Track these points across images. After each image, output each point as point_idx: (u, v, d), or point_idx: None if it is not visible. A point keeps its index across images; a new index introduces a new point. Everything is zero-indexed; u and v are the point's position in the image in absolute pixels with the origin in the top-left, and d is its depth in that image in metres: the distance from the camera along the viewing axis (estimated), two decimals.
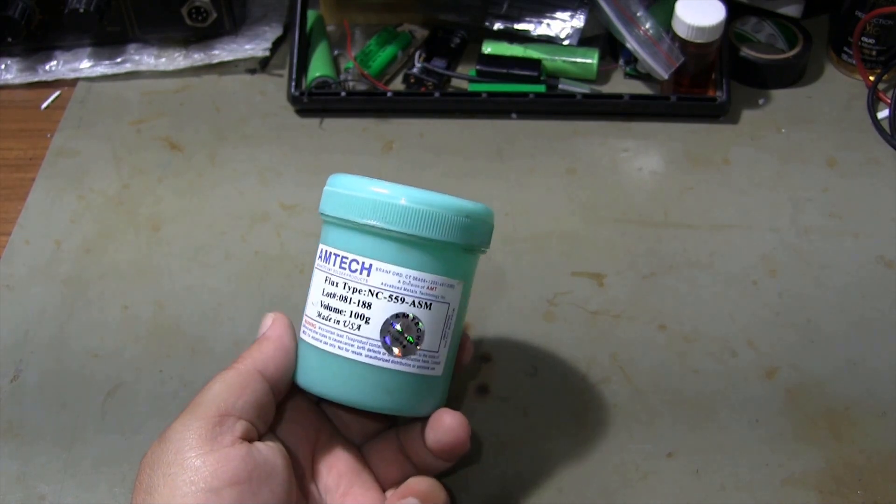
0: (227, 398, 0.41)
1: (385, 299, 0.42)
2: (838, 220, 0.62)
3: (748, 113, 0.70)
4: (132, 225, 0.64)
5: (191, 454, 0.39)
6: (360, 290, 0.42)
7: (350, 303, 0.42)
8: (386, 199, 0.42)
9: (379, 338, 0.42)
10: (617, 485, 0.50)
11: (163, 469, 0.39)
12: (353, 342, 0.42)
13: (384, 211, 0.41)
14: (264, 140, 0.69)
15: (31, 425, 0.53)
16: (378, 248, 0.42)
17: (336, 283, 0.43)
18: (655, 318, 0.57)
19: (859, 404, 0.53)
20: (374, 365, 0.42)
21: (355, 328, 0.42)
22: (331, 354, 0.43)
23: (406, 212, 0.41)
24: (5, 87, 0.74)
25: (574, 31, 0.71)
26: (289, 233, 0.63)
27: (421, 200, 0.42)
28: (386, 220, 0.41)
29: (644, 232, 0.62)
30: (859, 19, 0.68)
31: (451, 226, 0.42)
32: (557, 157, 0.67)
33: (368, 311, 0.42)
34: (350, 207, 0.42)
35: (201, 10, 0.72)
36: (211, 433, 0.40)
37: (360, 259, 0.42)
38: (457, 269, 0.43)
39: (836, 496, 0.49)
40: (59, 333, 0.58)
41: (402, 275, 0.42)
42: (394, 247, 0.42)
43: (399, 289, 0.42)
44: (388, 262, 0.42)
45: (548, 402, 0.54)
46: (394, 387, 0.43)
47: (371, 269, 0.42)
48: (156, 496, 0.39)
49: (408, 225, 0.41)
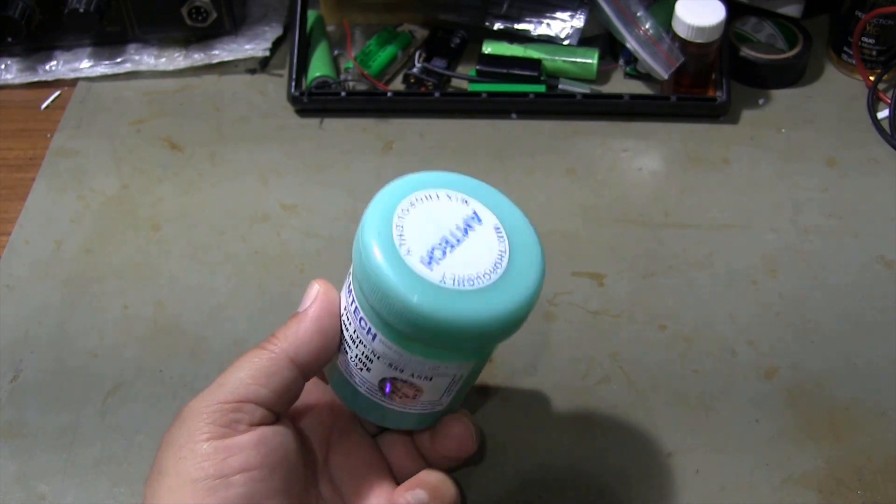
0: (251, 385, 0.40)
1: (385, 365, 0.40)
2: (838, 220, 0.62)
3: (748, 113, 0.70)
4: (132, 225, 0.64)
5: (201, 438, 0.38)
6: (365, 346, 0.40)
7: (356, 347, 0.41)
8: (390, 297, 0.36)
9: (377, 386, 0.42)
10: (617, 485, 0.50)
11: (174, 451, 0.39)
12: (357, 376, 0.42)
13: (387, 306, 0.37)
14: (264, 140, 0.69)
15: (31, 425, 0.53)
16: (383, 326, 0.39)
17: (350, 322, 0.41)
18: (655, 318, 0.57)
19: (859, 404, 0.53)
20: (376, 401, 0.43)
21: (359, 368, 0.41)
22: (343, 376, 0.43)
23: (408, 317, 0.36)
24: (5, 87, 0.74)
25: (574, 31, 0.71)
26: (289, 233, 0.63)
27: (427, 310, 0.36)
28: (389, 315, 0.37)
29: (644, 232, 0.62)
30: (859, 19, 0.68)
31: (459, 340, 0.38)
32: (557, 157, 0.67)
33: (370, 364, 0.41)
34: (361, 276, 0.38)
35: (201, 10, 0.72)
36: (227, 419, 0.39)
37: (368, 323, 0.39)
38: (466, 357, 0.41)
39: (836, 496, 0.49)
40: (59, 333, 0.58)
41: (403, 355, 0.39)
42: (397, 334, 0.38)
43: (399, 362, 0.40)
44: (391, 341, 0.39)
45: (548, 402, 0.54)
46: (394, 418, 0.43)
47: (376, 337, 0.39)
48: (165, 478, 0.38)
49: (410, 329, 0.37)
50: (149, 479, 0.39)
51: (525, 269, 0.38)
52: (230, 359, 0.56)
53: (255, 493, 0.38)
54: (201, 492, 0.37)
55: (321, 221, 0.64)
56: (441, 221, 0.38)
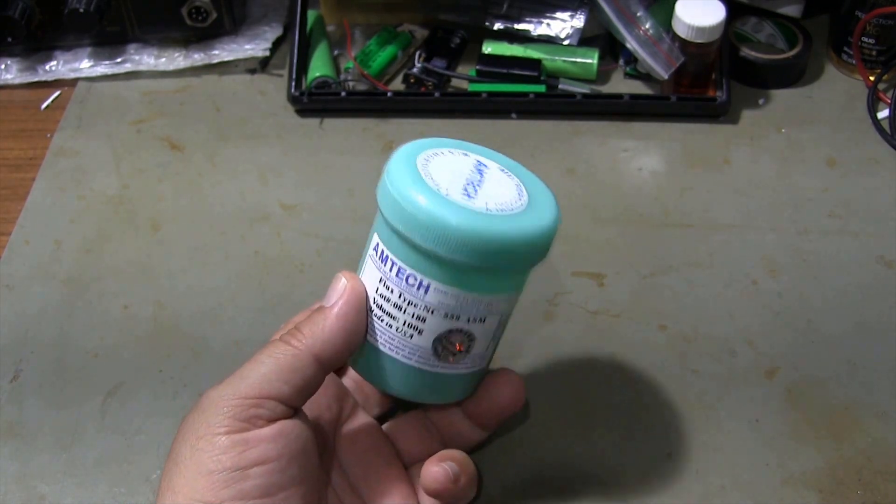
0: (275, 381, 0.40)
1: (440, 316, 0.41)
2: (838, 220, 0.62)
3: (748, 113, 0.70)
4: (132, 225, 0.64)
5: (220, 431, 0.38)
6: (416, 305, 0.41)
7: (404, 313, 0.41)
8: (449, 229, 0.38)
9: (430, 348, 0.42)
10: (617, 485, 0.50)
11: (192, 442, 0.39)
12: (405, 347, 0.42)
13: (446, 241, 0.38)
14: (264, 140, 0.69)
15: (31, 425, 0.53)
16: (438, 271, 0.40)
17: (391, 290, 0.41)
18: (655, 318, 0.57)
19: (859, 404, 0.53)
20: (423, 369, 0.43)
21: (407, 336, 0.42)
22: (381, 351, 0.43)
23: (470, 243, 0.39)
24: (5, 87, 0.74)
25: (574, 31, 0.71)
26: (289, 233, 0.63)
27: (487, 232, 0.39)
28: (448, 249, 0.39)
29: (644, 232, 0.62)
30: (859, 19, 0.68)
31: (516, 257, 0.40)
32: (557, 157, 0.67)
33: (422, 325, 0.41)
34: (410, 226, 0.39)
35: (201, 10, 0.72)
36: (247, 413, 0.39)
37: (419, 277, 0.40)
38: (515, 285, 0.43)
39: (836, 496, 0.49)
40: (59, 333, 0.58)
41: (460, 297, 0.41)
42: (454, 272, 0.40)
43: (455, 308, 0.41)
44: (447, 284, 0.40)
45: (548, 402, 0.54)
46: (440, 386, 0.44)
47: (429, 288, 0.40)
48: (182, 468, 0.38)
49: (471, 257, 0.39)
50: (165, 467, 0.39)
51: (541, 196, 0.42)
52: (230, 359, 0.56)
53: (272, 484, 0.38)
54: (218, 483, 0.37)
55: (321, 221, 0.64)
56: (457, 169, 0.41)
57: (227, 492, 0.37)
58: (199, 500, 0.37)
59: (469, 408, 0.47)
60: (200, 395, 0.41)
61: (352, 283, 0.41)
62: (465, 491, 0.44)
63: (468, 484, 0.44)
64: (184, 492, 0.38)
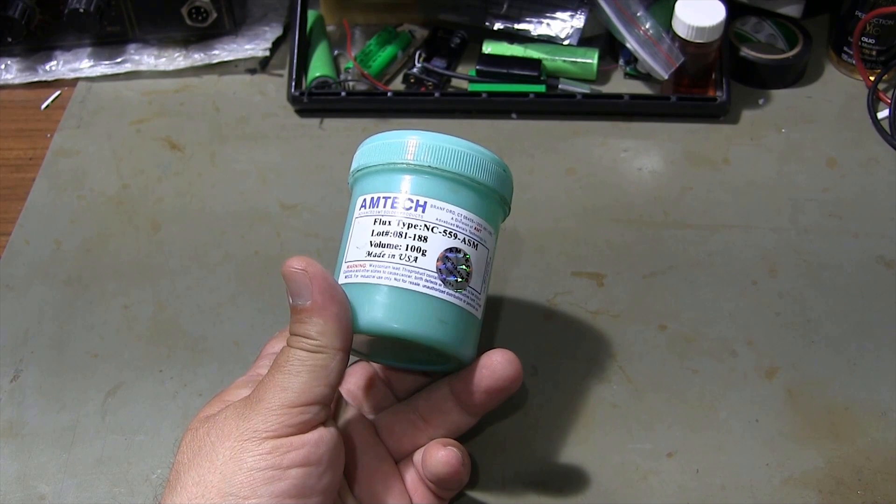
0: (316, 387, 0.41)
1: (440, 234, 0.44)
2: (838, 220, 0.62)
3: (748, 113, 0.70)
4: (132, 225, 0.64)
5: (267, 435, 0.39)
6: (416, 226, 0.44)
7: (406, 237, 0.44)
8: (441, 143, 0.45)
9: (435, 269, 0.44)
10: (617, 485, 0.50)
11: (232, 443, 0.39)
12: (411, 273, 0.43)
13: (440, 153, 0.45)
14: (264, 140, 0.69)
15: (31, 425, 0.53)
16: (433, 187, 0.45)
17: (388, 222, 0.44)
18: (655, 318, 0.57)
19: (859, 404, 0.53)
20: (431, 294, 0.44)
21: (412, 260, 0.44)
22: (385, 287, 0.43)
23: (459, 155, 0.45)
24: (5, 87, 0.74)
25: (574, 31, 0.71)
26: (289, 233, 0.63)
27: (469, 147, 0.45)
28: (441, 161, 0.45)
29: (644, 232, 0.62)
30: (859, 19, 0.68)
31: (493, 173, 0.46)
32: (557, 157, 0.67)
33: (424, 245, 0.44)
34: (405, 151, 0.45)
35: (201, 10, 0.72)
36: (295, 420, 0.40)
37: (415, 198, 0.44)
38: (494, 218, 0.47)
39: (836, 496, 0.49)
40: (59, 333, 0.58)
41: (455, 213, 0.44)
42: (447, 186, 0.45)
43: (452, 225, 0.44)
44: (442, 199, 0.44)
45: (548, 402, 0.54)
46: (447, 317, 0.44)
47: (426, 206, 0.44)
48: (218, 465, 0.39)
49: (460, 167, 0.45)
50: (189, 464, 0.40)
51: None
52: (230, 359, 0.56)
53: (306, 487, 0.40)
54: (258, 480, 0.38)
55: (321, 221, 0.63)
56: None
57: (266, 489, 0.38)
58: (234, 494, 0.38)
59: (463, 385, 0.46)
60: (224, 402, 0.42)
61: (312, 270, 0.42)
62: (467, 476, 0.45)
63: (469, 468, 0.46)
64: (218, 486, 0.38)
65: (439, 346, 0.44)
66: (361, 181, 0.47)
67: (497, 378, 0.45)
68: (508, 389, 0.45)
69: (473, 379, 0.45)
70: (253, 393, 0.41)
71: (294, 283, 0.42)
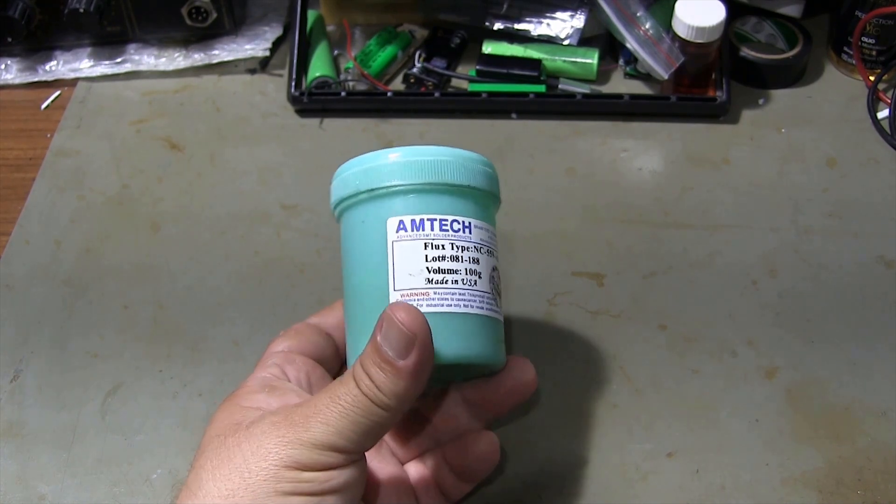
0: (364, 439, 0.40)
1: (486, 254, 0.44)
2: (838, 220, 0.62)
3: (748, 113, 0.70)
4: (132, 225, 0.64)
5: (307, 467, 0.39)
6: (468, 248, 0.44)
7: (462, 261, 0.43)
8: (466, 161, 0.45)
9: (489, 290, 0.44)
10: (617, 485, 0.50)
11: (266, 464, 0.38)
12: (475, 297, 0.43)
13: (470, 172, 0.44)
14: (264, 140, 0.69)
15: (31, 425, 0.53)
16: (470, 206, 0.44)
17: (441, 246, 0.43)
18: (655, 318, 0.57)
19: (859, 404, 0.53)
20: (490, 316, 0.44)
21: (473, 284, 0.43)
22: (459, 315, 0.43)
23: (482, 171, 0.45)
24: (5, 87, 0.74)
25: (574, 31, 0.71)
26: (289, 233, 0.63)
27: (489, 165, 0.46)
28: (475, 180, 0.44)
29: (644, 232, 0.62)
30: (859, 19, 0.68)
31: (494, 180, 0.46)
32: (557, 157, 0.67)
33: (478, 266, 0.44)
34: (445, 172, 0.44)
35: (201, 10, 0.72)
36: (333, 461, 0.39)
37: (461, 219, 0.44)
38: (494, 217, 0.47)
39: (836, 496, 0.49)
40: (59, 333, 0.58)
41: (489, 230, 0.45)
42: (481, 203, 0.45)
43: (488, 243, 0.45)
44: (479, 218, 0.45)
45: (548, 402, 0.54)
46: (500, 334, 0.45)
47: (471, 226, 0.44)
48: (249, 481, 0.38)
49: (491, 186, 0.45)
50: (218, 473, 0.39)
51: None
52: (230, 359, 0.56)
53: None
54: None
55: (321, 221, 0.63)
56: None
57: None
58: None
59: (478, 392, 0.46)
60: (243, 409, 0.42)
61: (413, 325, 0.40)
62: None
63: None
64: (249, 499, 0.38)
65: (499, 364, 0.45)
66: (386, 201, 0.44)
67: (516, 383, 0.46)
68: (525, 394, 0.46)
69: (491, 386, 0.46)
70: (297, 413, 0.40)
71: (395, 335, 0.39)
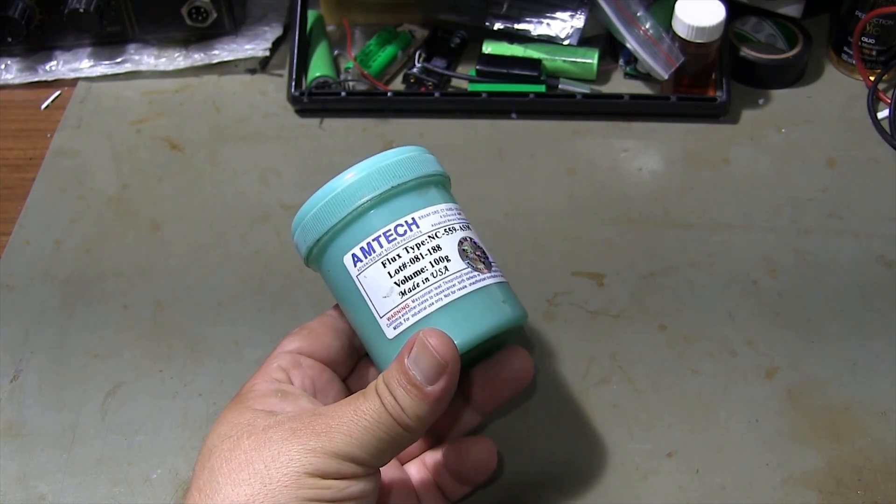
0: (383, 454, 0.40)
1: (444, 235, 0.45)
2: (838, 220, 0.62)
3: (748, 113, 0.70)
4: (132, 225, 0.64)
5: (328, 475, 0.39)
6: (423, 243, 0.44)
7: (423, 258, 0.44)
8: (381, 164, 0.45)
9: (465, 265, 0.44)
10: (617, 485, 0.50)
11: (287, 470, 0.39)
12: (453, 281, 0.44)
13: (388, 172, 0.45)
14: (264, 140, 0.69)
15: (31, 425, 0.53)
16: (407, 202, 0.45)
17: (397, 257, 0.44)
18: (655, 318, 0.57)
19: (859, 404, 0.53)
20: (479, 287, 0.44)
21: (445, 271, 0.44)
22: (444, 307, 0.43)
23: (406, 163, 0.45)
24: (5, 87, 0.74)
25: (574, 31, 0.71)
26: (289, 233, 0.63)
27: (405, 152, 0.46)
28: (395, 177, 0.45)
29: (644, 232, 0.62)
30: (859, 19, 0.68)
31: (430, 161, 0.47)
32: (557, 157, 0.67)
33: (442, 252, 0.44)
34: (358, 192, 0.45)
35: (201, 10, 0.72)
36: (351, 471, 0.40)
37: (401, 220, 0.44)
38: (453, 199, 0.48)
39: (836, 496, 0.49)
40: (59, 333, 0.58)
41: (438, 210, 0.45)
42: (415, 194, 0.45)
43: (444, 222, 0.45)
44: (421, 208, 0.45)
45: (548, 402, 0.54)
46: (503, 295, 0.45)
47: (415, 221, 0.44)
48: (269, 486, 0.38)
49: (415, 171, 0.45)
50: (234, 476, 0.39)
51: None
52: (230, 359, 0.56)
53: None
54: None
55: None
56: None
57: None
58: None
59: (476, 382, 0.47)
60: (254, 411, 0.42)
61: (444, 352, 0.40)
62: None
63: None
64: None
65: (514, 322, 0.45)
66: (333, 245, 0.45)
67: (514, 370, 0.46)
68: (522, 383, 0.47)
69: (488, 378, 0.47)
70: (318, 422, 0.40)
71: (426, 361, 0.40)
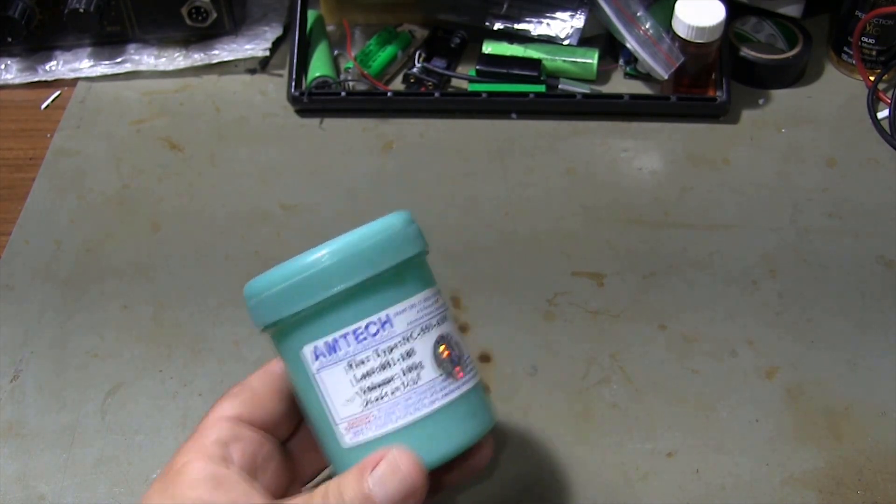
0: None
1: (420, 335, 0.39)
2: (838, 220, 0.62)
3: (748, 113, 0.70)
4: (132, 225, 0.64)
5: None
6: (395, 346, 0.39)
7: (393, 364, 0.39)
8: (367, 244, 0.39)
9: (438, 374, 0.39)
10: (617, 485, 0.50)
11: None
12: (424, 394, 0.39)
13: (371, 254, 0.39)
14: (264, 140, 0.69)
15: (31, 425, 0.53)
16: (382, 296, 0.39)
17: (365, 360, 0.39)
18: (655, 318, 0.57)
19: (859, 404, 0.53)
20: (450, 399, 0.40)
21: (416, 382, 0.39)
22: (411, 425, 0.39)
23: (385, 244, 0.39)
24: (5, 87, 0.74)
25: (574, 31, 0.71)
26: (289, 233, 0.63)
27: (386, 228, 0.40)
28: (378, 262, 0.39)
29: (644, 232, 0.62)
30: (859, 19, 0.68)
31: (411, 237, 0.41)
32: (557, 157, 0.67)
33: (415, 357, 0.39)
34: (346, 271, 0.39)
35: (201, 10, 0.72)
36: None
37: (374, 317, 0.39)
38: (432, 278, 0.42)
39: (836, 496, 0.49)
40: (59, 333, 0.58)
41: (415, 303, 0.40)
42: (394, 283, 0.39)
43: (421, 318, 0.40)
44: (398, 302, 0.39)
45: (548, 402, 0.54)
46: (472, 406, 0.41)
47: (390, 319, 0.39)
48: None
49: (394, 256, 0.39)
50: None
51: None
52: (230, 359, 0.56)
53: None
54: None
55: (321, 221, 0.64)
56: None
57: None
58: None
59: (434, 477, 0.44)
60: None
61: (422, 488, 0.38)
62: None
63: None
64: None
65: (483, 434, 0.41)
66: (293, 332, 0.40)
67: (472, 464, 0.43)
68: (479, 468, 0.44)
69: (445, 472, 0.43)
70: None
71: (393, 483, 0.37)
